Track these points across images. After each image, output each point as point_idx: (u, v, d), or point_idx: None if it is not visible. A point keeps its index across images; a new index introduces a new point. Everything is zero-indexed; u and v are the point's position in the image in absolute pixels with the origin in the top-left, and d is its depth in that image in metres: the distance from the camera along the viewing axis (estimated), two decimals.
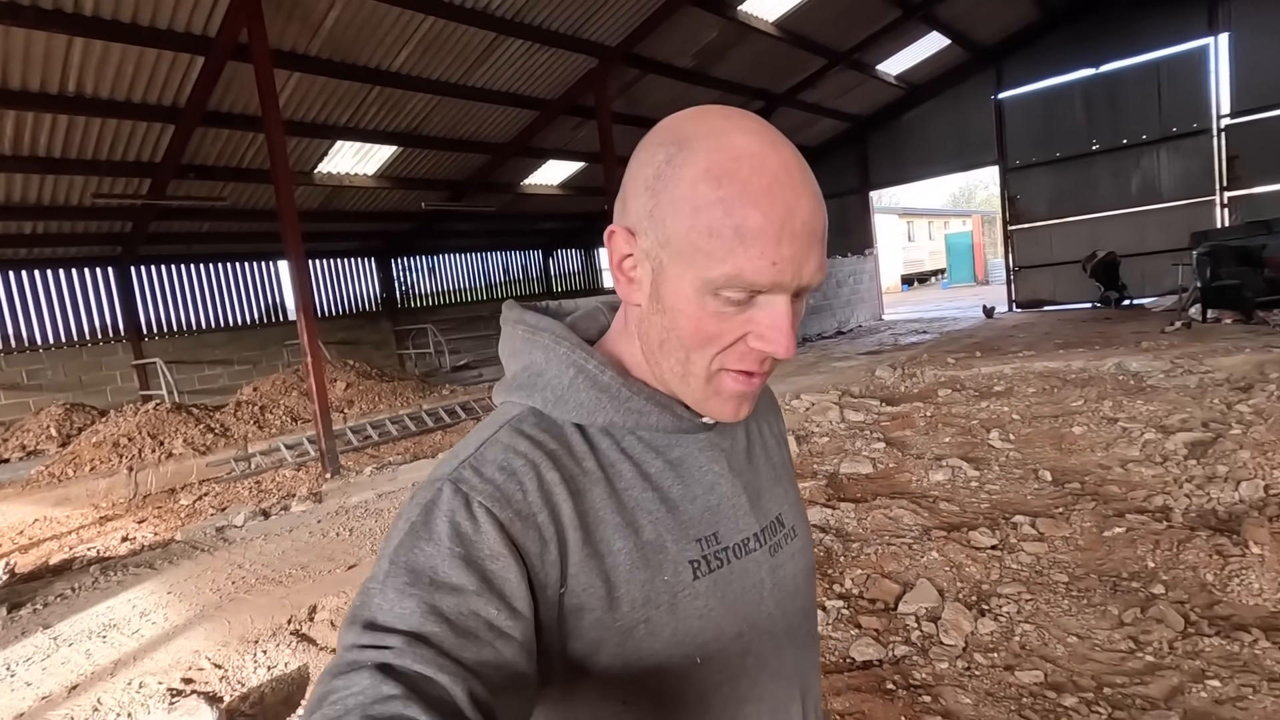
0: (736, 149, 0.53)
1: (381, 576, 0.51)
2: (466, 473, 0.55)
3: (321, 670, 0.33)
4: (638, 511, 0.60)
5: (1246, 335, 8.38)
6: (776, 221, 0.52)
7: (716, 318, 0.55)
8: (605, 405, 0.61)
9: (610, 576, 0.57)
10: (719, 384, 0.59)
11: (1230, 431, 5.07)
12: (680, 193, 0.54)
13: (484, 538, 0.52)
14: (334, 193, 11.63)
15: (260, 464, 8.24)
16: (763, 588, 0.65)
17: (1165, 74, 13.17)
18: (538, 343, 0.64)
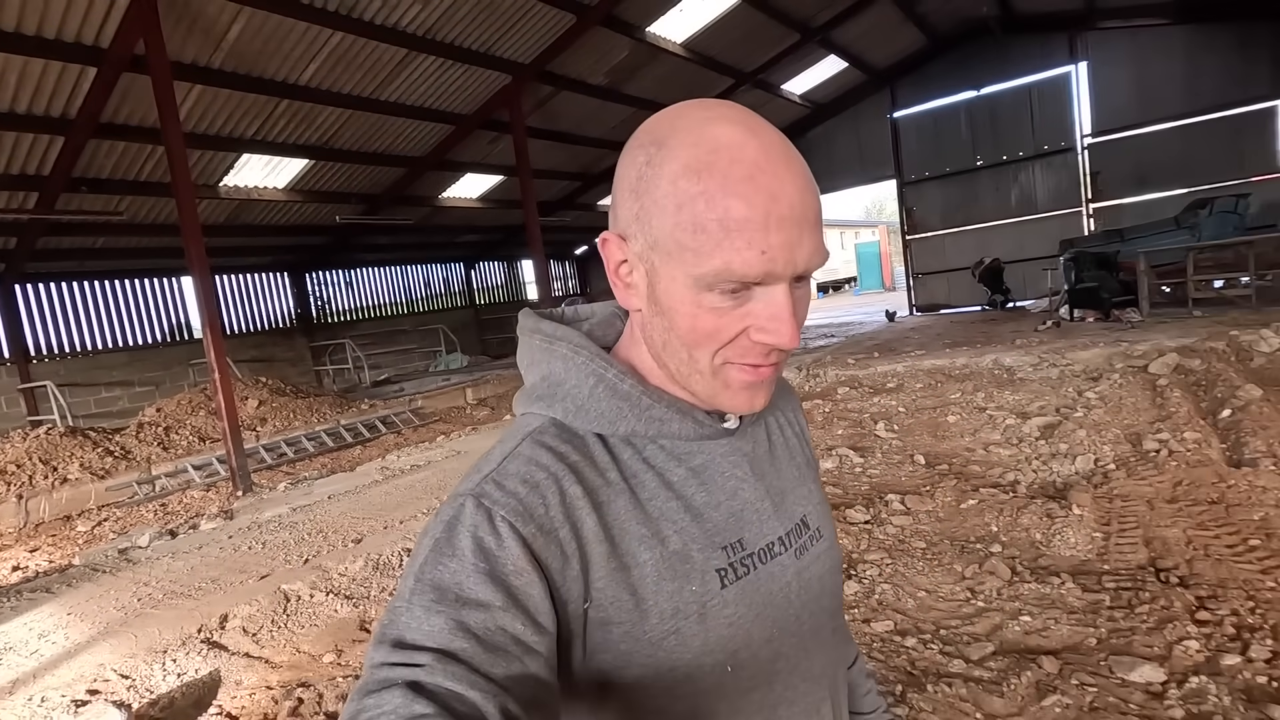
0: (714, 140, 0.52)
1: (408, 594, 0.51)
2: (489, 487, 0.55)
3: (353, 692, 0.46)
4: (662, 522, 0.59)
5: (1103, 332, 9.39)
6: (761, 209, 0.51)
7: (713, 314, 0.55)
8: (626, 414, 0.60)
9: (638, 589, 0.57)
10: (726, 377, 0.58)
11: (1074, 415, 5.77)
12: (662, 191, 0.54)
13: (507, 553, 0.52)
14: (242, 206, 11.33)
15: (166, 486, 7.97)
16: (789, 591, 0.64)
17: (1036, 97, 14.53)
18: (556, 352, 0.63)
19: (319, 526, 5.35)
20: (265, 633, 3.68)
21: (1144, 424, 5.34)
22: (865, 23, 12.89)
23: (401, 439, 9.59)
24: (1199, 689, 2.31)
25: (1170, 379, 6.64)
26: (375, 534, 4.97)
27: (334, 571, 4.32)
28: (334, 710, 2.89)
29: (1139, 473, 4.39)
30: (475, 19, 8.77)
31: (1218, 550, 3.28)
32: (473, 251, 18.71)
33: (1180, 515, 3.71)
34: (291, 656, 3.43)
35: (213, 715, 2.98)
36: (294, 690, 3.04)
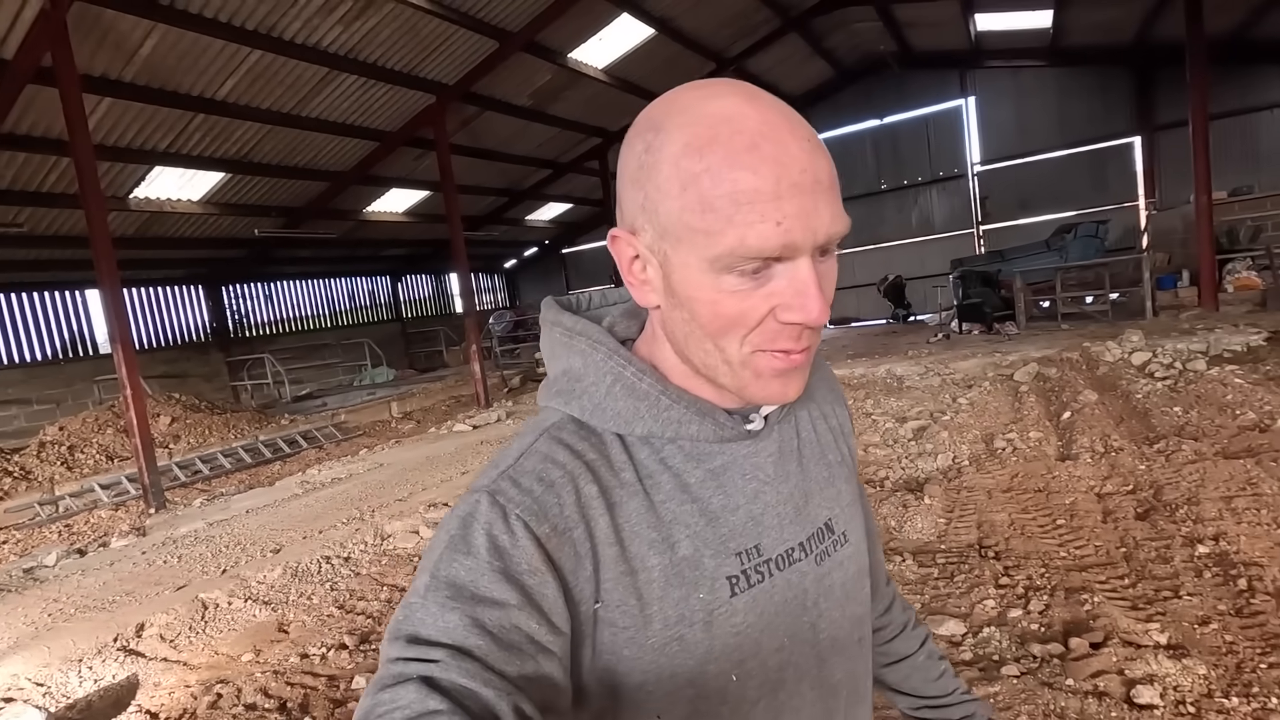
0: (712, 115, 0.50)
1: (423, 590, 0.51)
2: (504, 484, 0.55)
3: (368, 686, 0.50)
4: (675, 526, 0.58)
5: (985, 344, 10.37)
6: (770, 178, 0.48)
7: (735, 297, 0.51)
8: (643, 414, 0.59)
9: (643, 594, 0.56)
10: (756, 366, 0.55)
11: (943, 418, 6.50)
12: (664, 175, 0.51)
13: (521, 552, 0.51)
14: (153, 218, 11.06)
15: (71, 506, 7.75)
16: (805, 599, 0.63)
17: (932, 127, 15.80)
18: (575, 347, 0.62)
19: (237, 539, 5.45)
20: (183, 639, 3.83)
21: (1000, 425, 6.09)
22: (776, 54, 13.75)
23: (323, 454, 9.58)
24: (987, 637, 2.86)
25: (1030, 386, 7.51)
26: (294, 544, 5.13)
27: (252, 580, 4.47)
28: (252, 702, 3.11)
29: (986, 467, 5.06)
30: (397, 41, 8.99)
31: (1031, 529, 3.91)
32: (400, 265, 18.61)
33: (1010, 502, 4.36)
34: (210, 658, 3.60)
35: (132, 714, 3.15)
36: (213, 687, 3.24)
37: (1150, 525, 3.73)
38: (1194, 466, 4.41)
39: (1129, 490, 4.26)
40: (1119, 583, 3.18)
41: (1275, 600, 2.84)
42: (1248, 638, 2.62)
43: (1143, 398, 6.31)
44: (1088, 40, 13.03)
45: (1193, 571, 3.17)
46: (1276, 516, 3.57)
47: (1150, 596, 3.01)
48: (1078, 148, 14.44)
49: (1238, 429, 5.06)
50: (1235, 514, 3.67)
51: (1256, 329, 8.18)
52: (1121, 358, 7.92)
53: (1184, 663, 2.48)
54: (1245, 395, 5.81)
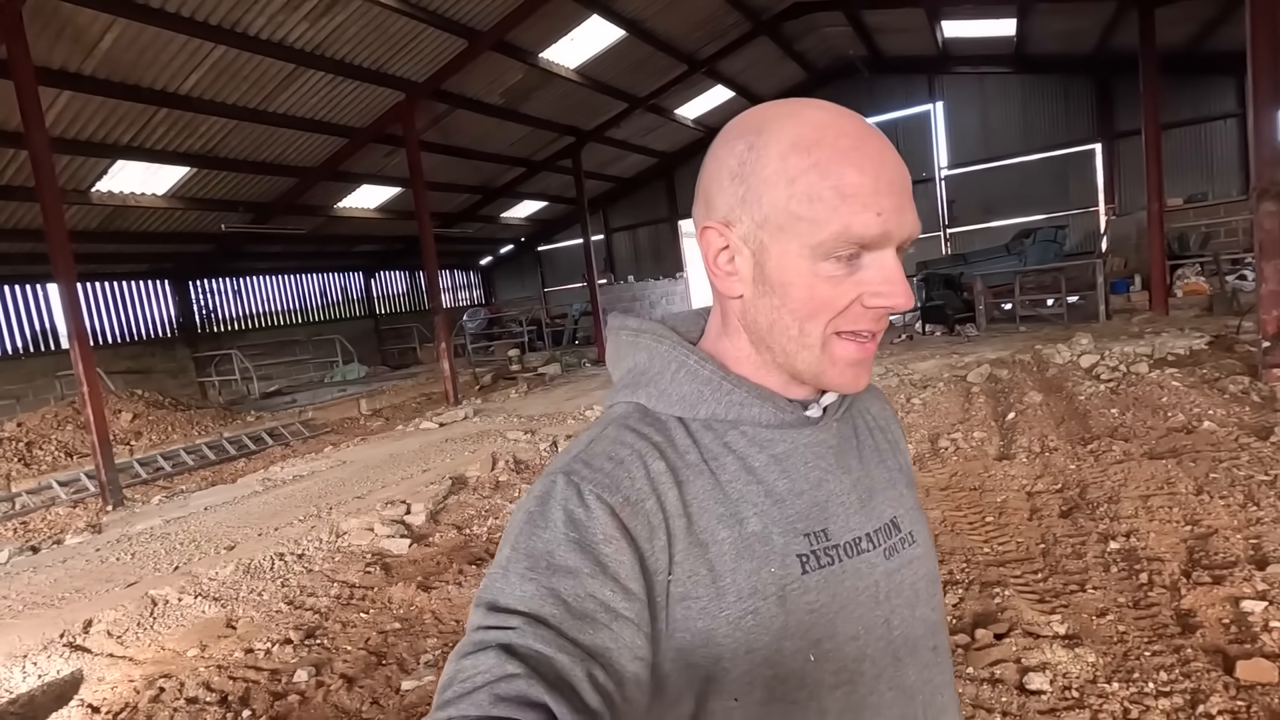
0: (815, 121, 0.56)
1: (505, 561, 0.54)
2: (578, 465, 0.58)
3: (454, 649, 0.55)
4: (742, 503, 0.59)
5: (945, 344, 10.62)
6: (872, 175, 0.54)
7: (830, 282, 0.56)
8: (707, 397, 0.62)
9: (715, 565, 0.57)
10: (833, 351, 0.59)
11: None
12: (770, 170, 0.55)
13: (596, 522, 0.54)
14: (117, 212, 10.93)
15: (27, 504, 7.67)
16: (877, 591, 0.63)
17: (902, 130, 16.05)
18: (640, 344, 0.66)
19: (193, 536, 5.47)
20: (130, 635, 3.87)
21: (947, 425, 6.28)
22: (748, 57, 13.89)
23: (289, 451, 9.56)
24: None
25: (981, 387, 7.74)
26: (249, 541, 5.17)
27: (204, 577, 4.51)
28: (194, 696, 3.17)
29: (928, 466, 5.24)
30: (365, 39, 8.98)
31: (961, 526, 4.08)
32: (372, 261, 18.51)
33: (946, 500, 4.53)
34: (156, 654, 3.65)
35: (75, 708, 3.19)
36: (156, 681, 3.29)
37: (1071, 522, 3.91)
38: (1120, 466, 4.62)
39: (1057, 489, 4.46)
40: (1032, 577, 3.35)
41: (1170, 593, 3.02)
42: (1139, 628, 2.79)
43: (1085, 399, 6.55)
44: (1050, 49, 13.34)
45: (1101, 566, 3.35)
46: (1186, 514, 3.77)
47: (1058, 590, 3.18)
48: (1041, 153, 14.78)
49: (1167, 430, 5.29)
50: (1149, 512, 3.87)
51: (1200, 333, 8.49)
52: (1071, 360, 8.18)
53: (1076, 651, 2.65)
54: (1179, 398, 6.07)
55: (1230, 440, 4.81)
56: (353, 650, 3.44)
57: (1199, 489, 4.05)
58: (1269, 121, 5.85)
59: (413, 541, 4.82)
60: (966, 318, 11.55)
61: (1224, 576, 3.06)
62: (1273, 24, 5.72)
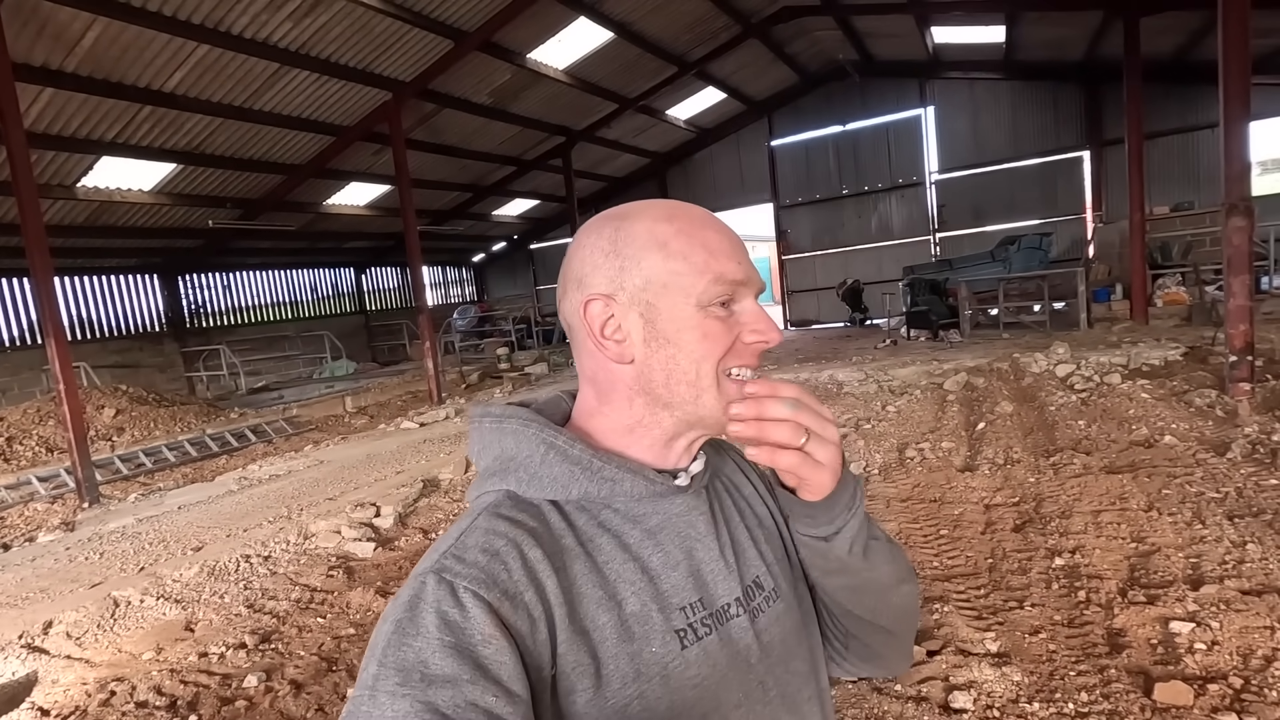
0: (669, 205, 0.65)
1: (371, 682, 0.50)
2: (449, 561, 0.55)
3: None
4: (620, 584, 0.60)
5: (928, 350, 10.66)
6: (725, 239, 0.63)
7: (717, 322, 0.62)
8: (578, 477, 0.62)
9: (598, 652, 0.56)
10: (727, 392, 0.62)
11: (865, 426, 6.73)
12: (642, 241, 0.62)
13: (473, 623, 0.52)
14: (103, 207, 10.93)
15: (5, 499, 7.70)
16: (750, 654, 0.64)
17: (892, 135, 16.08)
18: (506, 429, 0.65)
19: (162, 536, 5.50)
20: (89, 636, 3.91)
21: (918, 434, 6.32)
22: (738, 59, 13.90)
23: (271, 448, 9.59)
24: None
25: (957, 395, 7.78)
26: (217, 542, 5.20)
27: (168, 578, 4.55)
28: (144, 700, 3.21)
29: (892, 477, 5.29)
30: (349, 38, 8.98)
31: (915, 539, 4.12)
32: (363, 257, 18.52)
33: (904, 512, 4.58)
34: (113, 656, 3.68)
35: (25, 710, 3.23)
36: (108, 684, 3.33)
37: (1022, 537, 3.96)
38: (1078, 480, 4.67)
39: (1015, 502, 4.50)
40: (975, 593, 3.39)
41: (1105, 611, 3.07)
42: (1069, 647, 2.84)
43: (1055, 410, 6.60)
44: (1040, 56, 13.37)
45: (1044, 583, 3.40)
46: (1133, 531, 3.82)
47: (998, 607, 3.23)
48: (1030, 159, 14.81)
49: (1129, 443, 5.34)
50: (1099, 528, 3.92)
51: (1176, 344, 8.54)
52: (1047, 369, 8.23)
53: (1003, 670, 2.70)
54: (1146, 410, 6.12)
55: (1188, 455, 4.87)
56: (305, 656, 3.48)
57: (1150, 505, 4.10)
58: (1239, 136, 5.89)
59: (378, 545, 4.86)
60: (950, 323, 11.60)
61: (1158, 596, 3.11)
62: (1244, 40, 5.76)
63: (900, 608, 0.76)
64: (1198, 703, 2.39)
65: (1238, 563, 3.30)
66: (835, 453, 0.61)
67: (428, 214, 15.89)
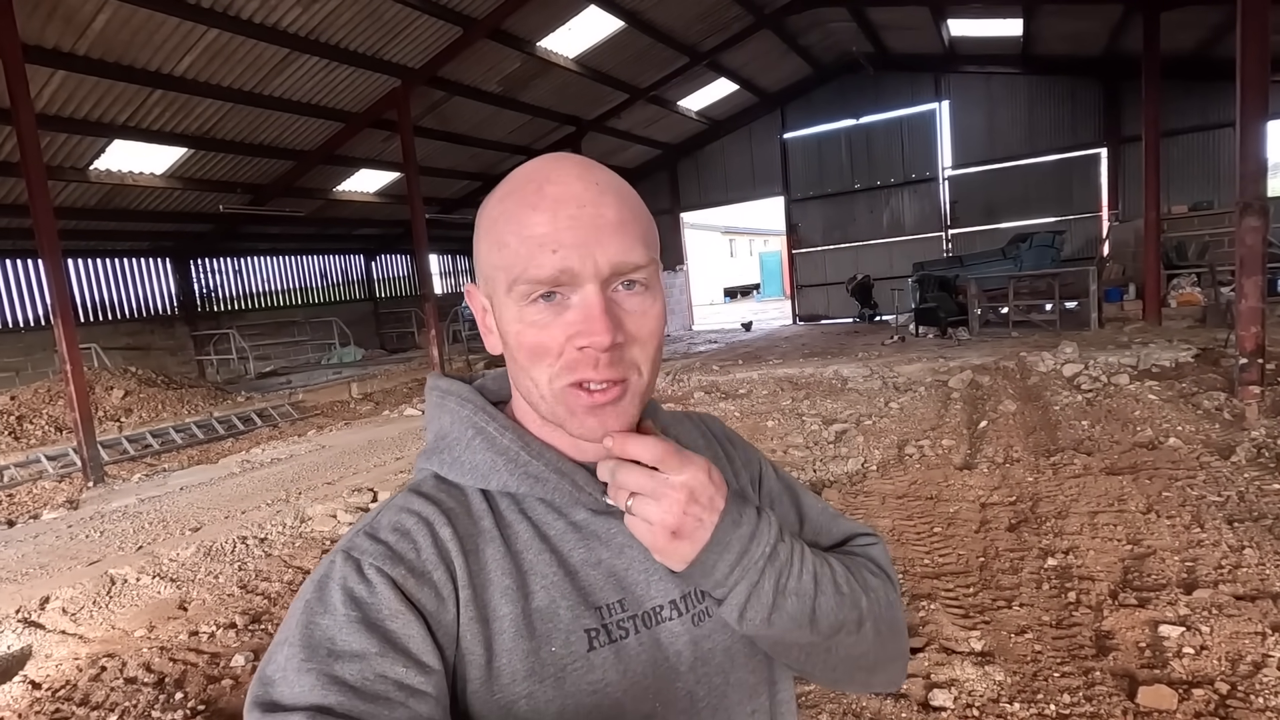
0: (520, 173, 0.57)
1: (280, 660, 0.49)
2: (360, 540, 0.55)
3: None
4: (531, 575, 0.57)
5: (936, 348, 10.57)
6: (550, 212, 0.53)
7: (535, 327, 0.55)
8: (500, 469, 0.59)
9: (491, 644, 0.54)
10: (568, 402, 0.56)
11: (865, 422, 6.68)
12: (483, 228, 0.57)
13: (379, 598, 0.51)
14: (115, 190, 11.02)
15: (15, 476, 7.81)
16: (680, 661, 0.59)
17: (906, 129, 15.89)
18: (445, 406, 0.63)
19: (162, 517, 5.56)
20: (85, 613, 3.96)
21: (919, 431, 6.27)
22: (751, 50, 13.78)
23: (276, 433, 9.67)
24: None
25: (961, 393, 7.71)
26: (215, 523, 5.25)
27: (165, 557, 4.60)
28: (133, 676, 3.24)
29: (890, 473, 5.25)
30: (359, 24, 8.98)
31: (908, 536, 4.09)
32: (372, 244, 18.59)
33: (899, 508, 4.54)
34: (106, 633, 3.73)
35: (17, 683, 3.28)
36: (99, 660, 3.37)
37: (1016, 536, 3.92)
38: (1077, 481, 4.61)
39: (1011, 501, 4.45)
40: (964, 591, 3.36)
41: (1094, 613, 3.03)
42: (1055, 648, 2.81)
43: (1059, 410, 6.52)
44: (1058, 50, 13.15)
45: (1035, 583, 3.36)
46: (1130, 533, 3.77)
47: (985, 606, 3.19)
48: (1046, 156, 14.60)
49: (1131, 445, 5.27)
50: (1095, 529, 3.87)
51: (1188, 345, 8.41)
52: (1054, 369, 8.13)
53: (986, 669, 2.67)
54: (1152, 412, 6.03)
55: (1191, 458, 4.79)
56: None
57: (1149, 507, 4.05)
58: (1255, 136, 5.77)
59: None
60: (959, 321, 11.49)
61: (1150, 599, 3.06)
62: (1263, 39, 5.63)
63: (846, 659, 0.65)
64: (1181, 707, 2.36)
65: (1234, 567, 3.25)
66: (665, 516, 0.53)
67: (436, 202, 15.91)
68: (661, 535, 0.54)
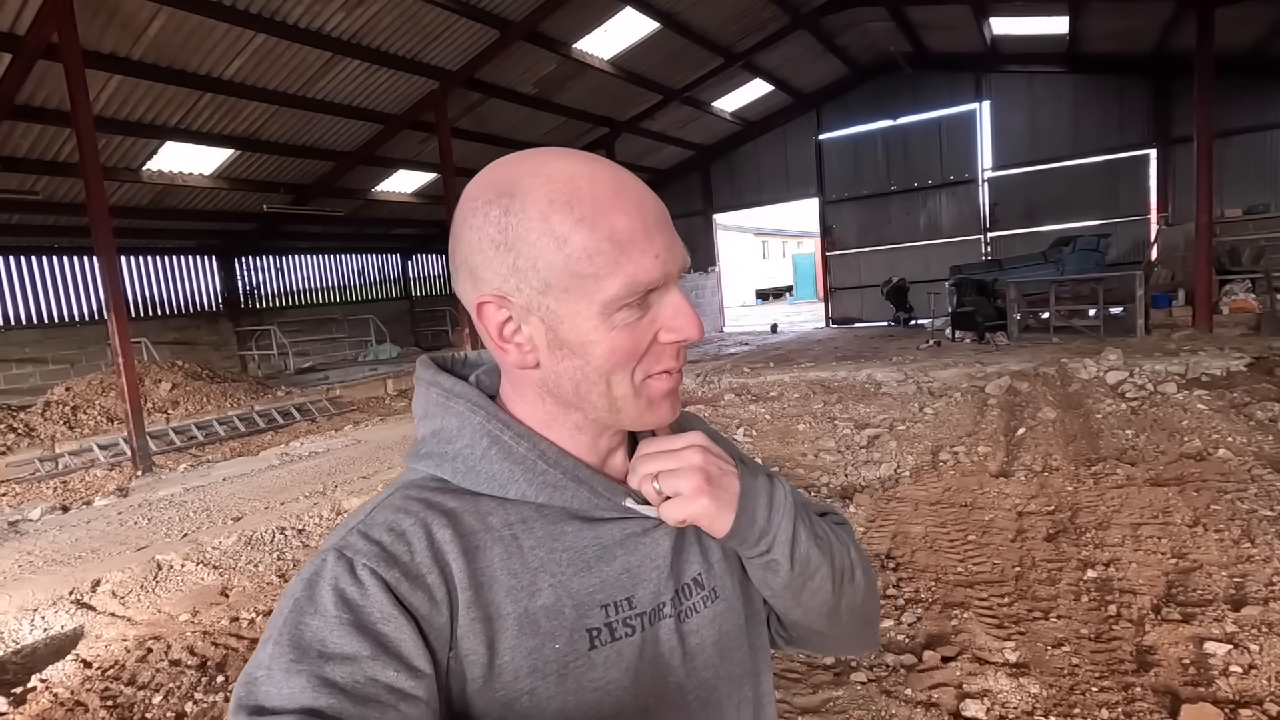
0: (564, 173, 0.54)
1: (266, 660, 0.48)
2: (353, 538, 0.54)
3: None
4: (540, 572, 0.57)
5: (972, 352, 10.35)
6: (639, 218, 0.54)
7: (627, 331, 0.55)
8: (519, 478, 0.58)
9: (494, 643, 0.54)
10: (649, 392, 0.58)
11: (898, 427, 6.58)
12: (536, 234, 0.53)
13: (371, 601, 0.50)
14: (166, 190, 11.43)
15: (70, 464, 8.16)
16: (674, 657, 0.61)
17: (945, 130, 15.60)
18: (452, 409, 0.61)
19: (206, 506, 5.75)
20: (133, 596, 4.12)
21: (954, 438, 6.16)
22: (786, 51, 13.67)
23: (314, 427, 9.91)
24: None
25: (998, 399, 7.54)
26: (255, 513, 5.41)
27: (208, 545, 4.76)
28: (177, 659, 3.36)
29: (923, 479, 5.16)
30: (399, 28, 9.16)
31: (941, 544, 4.02)
32: (410, 244, 18.92)
33: (933, 515, 4.47)
34: (152, 616, 3.87)
35: (70, 662, 3.42)
36: (145, 642, 3.51)
37: (1054, 546, 3.83)
38: (1119, 491, 4.48)
39: (1049, 510, 4.35)
40: (998, 601, 3.29)
41: (1135, 627, 2.95)
42: (1093, 662, 2.74)
43: (1102, 418, 6.34)
44: (1105, 48, 12.78)
45: (1073, 595, 3.28)
46: (1175, 546, 3.65)
47: (1021, 616, 3.13)
48: (1092, 157, 14.18)
49: (1178, 456, 5.10)
50: (1137, 541, 3.75)
51: (1241, 354, 8.10)
52: (1096, 376, 7.91)
53: (1021, 681, 2.61)
54: (1201, 422, 5.83)
55: (1242, 470, 4.62)
56: None
57: (1195, 520, 3.91)
58: None
59: None
60: (998, 326, 11.23)
61: (1195, 615, 2.96)
62: None
63: (849, 609, 0.71)
64: None
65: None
66: (692, 478, 0.58)
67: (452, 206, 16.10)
68: (700, 495, 0.58)
